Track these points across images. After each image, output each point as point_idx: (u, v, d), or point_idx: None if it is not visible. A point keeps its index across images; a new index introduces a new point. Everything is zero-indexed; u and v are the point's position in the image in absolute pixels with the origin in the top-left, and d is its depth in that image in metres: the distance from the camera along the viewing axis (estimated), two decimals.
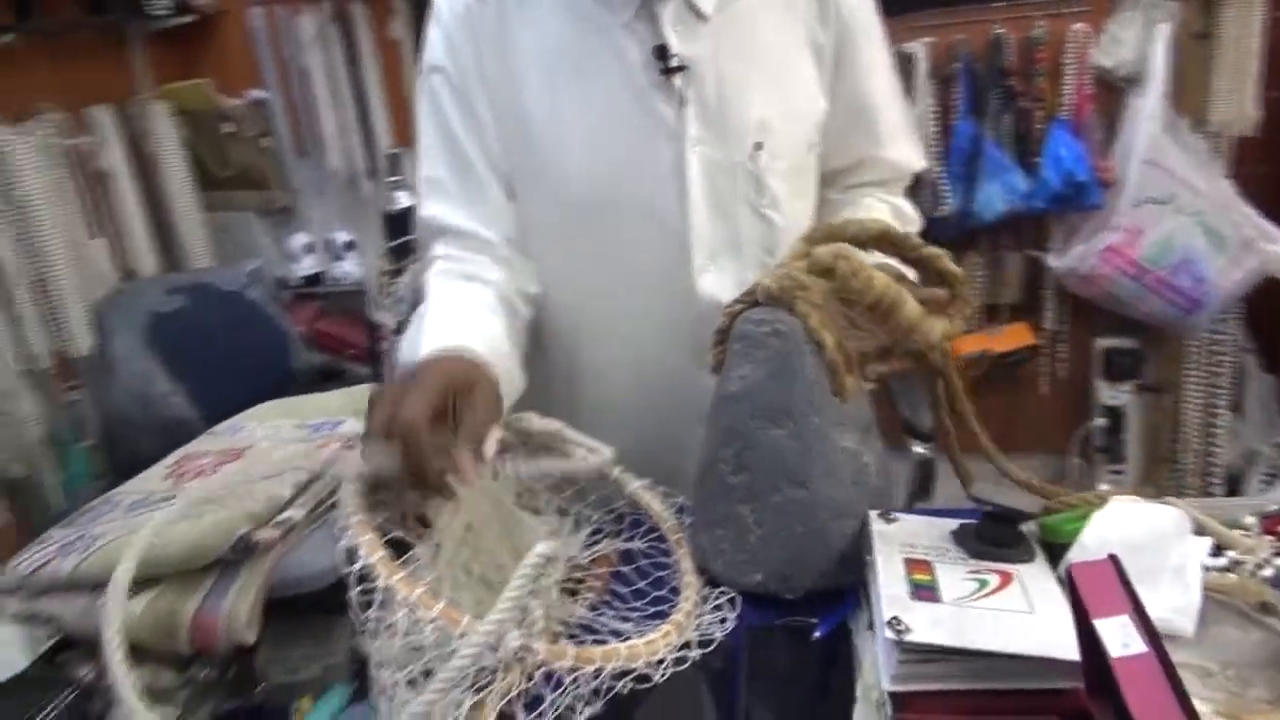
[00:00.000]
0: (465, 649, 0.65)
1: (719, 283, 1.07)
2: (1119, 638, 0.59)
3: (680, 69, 1.01)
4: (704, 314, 1.03)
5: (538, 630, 0.66)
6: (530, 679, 0.72)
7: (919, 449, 1.38)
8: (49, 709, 0.71)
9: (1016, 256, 2.36)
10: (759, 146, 1.05)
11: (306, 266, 2.86)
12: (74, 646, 0.85)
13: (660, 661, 0.73)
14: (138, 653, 0.82)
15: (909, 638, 0.72)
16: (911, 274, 0.99)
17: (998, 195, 2.17)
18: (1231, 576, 0.81)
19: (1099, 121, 2.19)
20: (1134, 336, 2.31)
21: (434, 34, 1.06)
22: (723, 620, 0.84)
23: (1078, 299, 2.31)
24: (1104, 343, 2.33)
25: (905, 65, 2.22)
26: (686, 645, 0.78)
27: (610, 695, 0.70)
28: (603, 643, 0.72)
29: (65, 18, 2.33)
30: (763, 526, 0.92)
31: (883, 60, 1.15)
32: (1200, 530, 0.85)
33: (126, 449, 1.89)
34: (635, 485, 0.97)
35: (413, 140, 1.11)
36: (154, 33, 2.63)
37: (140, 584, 0.80)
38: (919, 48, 2.21)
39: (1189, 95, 2.14)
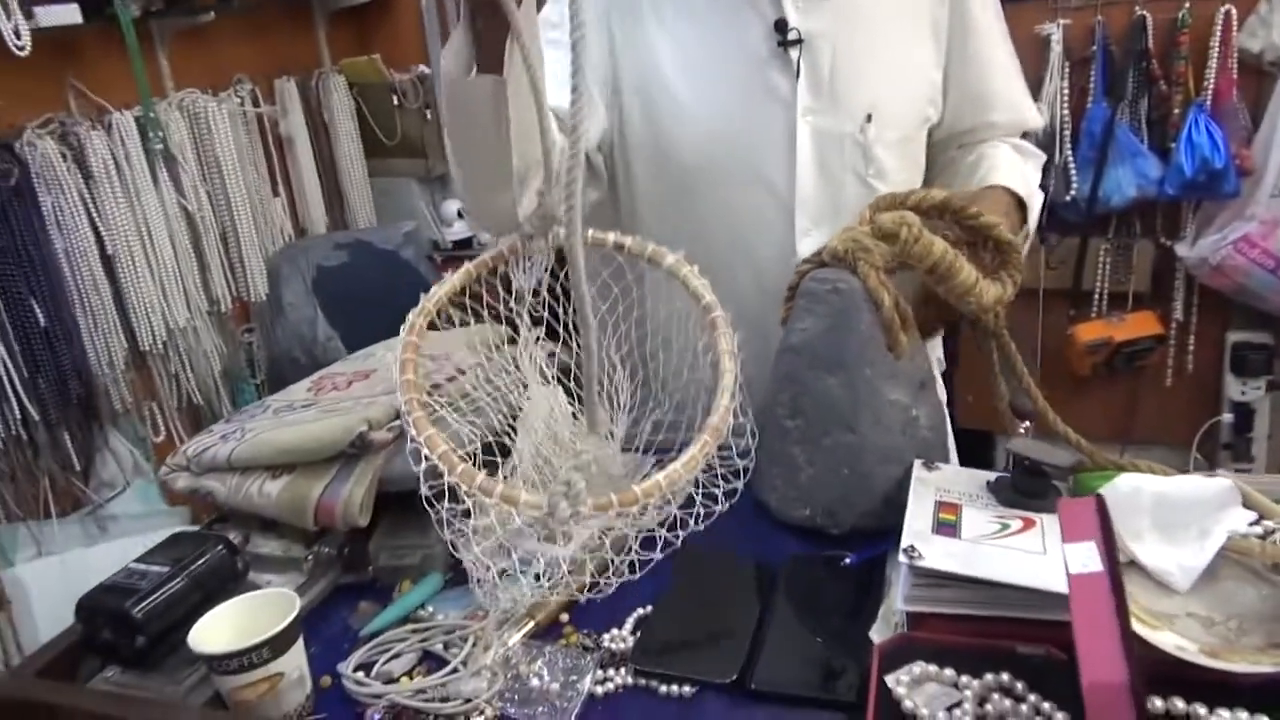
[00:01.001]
0: (525, 513, 0.79)
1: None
2: (1080, 558, 0.66)
3: (797, 42, 1.08)
4: None
5: (584, 500, 0.79)
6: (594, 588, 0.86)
7: (1024, 428, 1.42)
8: (204, 558, 0.88)
9: (1146, 244, 2.30)
10: (869, 119, 1.10)
11: (457, 231, 3.08)
12: (227, 519, 1.04)
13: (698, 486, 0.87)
14: (274, 527, 1.00)
15: (920, 563, 0.81)
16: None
17: (1128, 180, 2.13)
18: (1255, 540, 0.85)
19: (1242, 107, 2.11)
20: (1268, 331, 2.21)
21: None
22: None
23: (1208, 290, 2.24)
24: (1235, 336, 2.24)
25: (1041, 48, 2.20)
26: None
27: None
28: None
29: None
30: (813, 466, 1.02)
31: (997, 28, 1.18)
32: (1247, 504, 0.88)
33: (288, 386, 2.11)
34: (670, 260, 1.01)
35: None
36: (336, 11, 2.89)
37: (279, 470, 0.98)
38: (1055, 29, 2.18)
39: None
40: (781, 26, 1.07)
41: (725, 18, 1.10)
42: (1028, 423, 1.29)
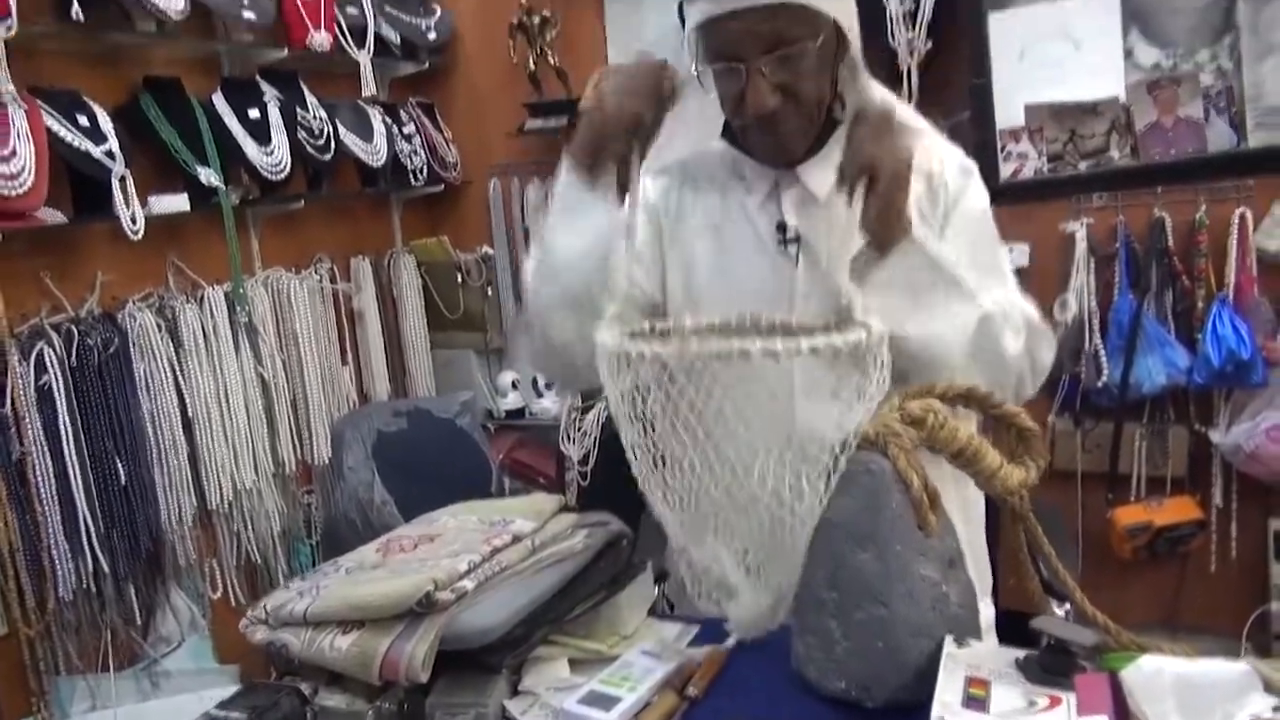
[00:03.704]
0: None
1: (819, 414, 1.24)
2: None
3: (795, 240, 1.27)
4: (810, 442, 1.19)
5: None
6: None
7: (1059, 609, 1.45)
8: (278, 708, 0.95)
9: (1180, 429, 2.35)
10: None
11: (511, 401, 3.22)
12: (298, 671, 1.11)
13: None
14: (339, 680, 1.07)
15: None
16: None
17: (1157, 368, 2.21)
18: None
19: (1264, 301, 2.20)
20: None
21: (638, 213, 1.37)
22: None
23: (1247, 476, 2.26)
24: (1278, 524, 2.25)
25: (1067, 243, 2.34)
26: None
27: None
28: None
29: (345, 187, 2.87)
30: (848, 639, 1.07)
31: (990, 245, 1.30)
32: (1268, 688, 0.91)
33: (343, 549, 2.18)
34: None
35: None
36: (410, 198, 3.16)
37: (349, 625, 1.06)
38: (1079, 227, 2.32)
39: None
40: (782, 227, 1.27)
41: (741, 222, 1.31)
42: (1067, 605, 1.32)
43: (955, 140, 1.34)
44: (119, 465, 2.09)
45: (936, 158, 1.28)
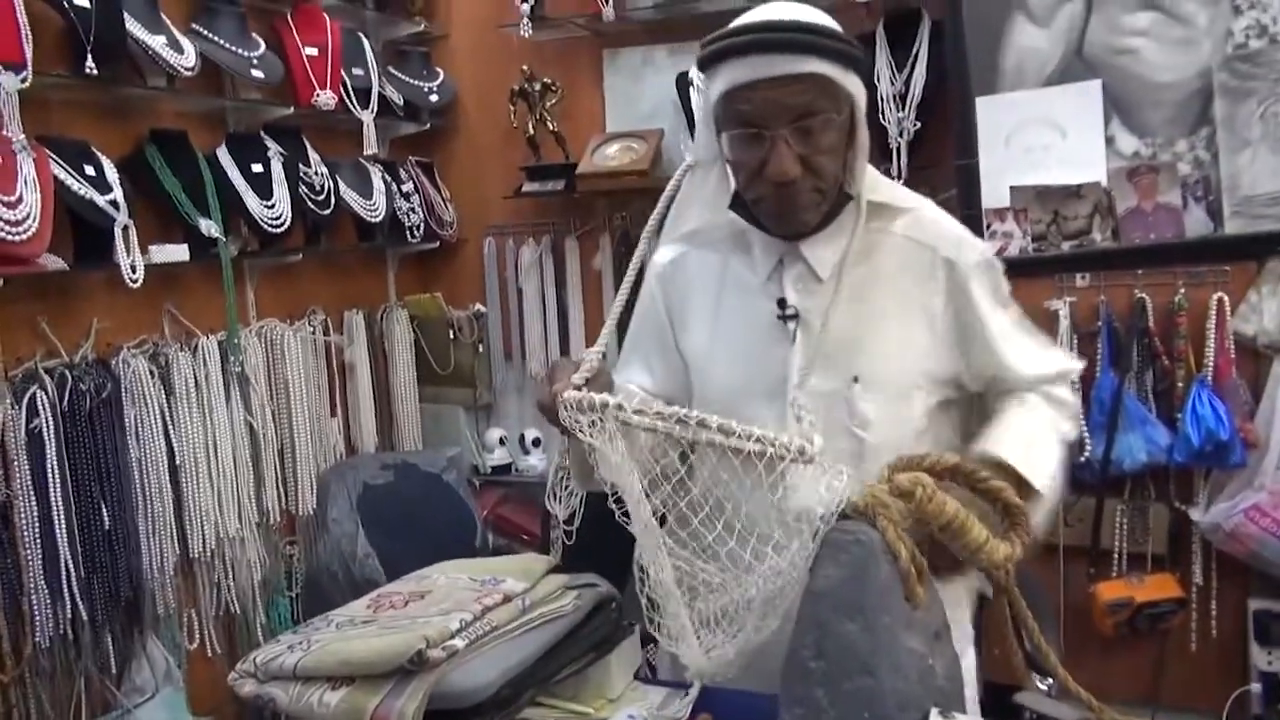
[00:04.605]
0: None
1: (809, 486, 1.26)
2: None
3: (794, 317, 1.30)
4: (791, 510, 1.19)
5: None
6: None
7: (1041, 684, 1.47)
8: None
9: (1161, 507, 2.38)
10: (856, 379, 1.28)
11: (498, 457, 3.23)
12: None
13: None
14: None
15: None
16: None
17: (1138, 446, 2.25)
18: None
19: (1242, 384, 2.25)
20: None
21: (650, 278, 1.44)
22: None
23: (1226, 556, 2.29)
24: (1257, 604, 2.27)
25: (1051, 320, 2.39)
26: None
27: None
28: None
29: (343, 242, 2.91)
30: (834, 709, 1.07)
31: (1001, 313, 1.34)
32: None
33: (323, 602, 2.15)
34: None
35: None
36: (405, 254, 3.20)
37: (339, 681, 1.06)
38: (1062, 305, 2.38)
39: None
40: (782, 304, 1.30)
41: (745, 297, 1.35)
42: (1050, 679, 1.33)
43: None
44: (104, 511, 2.08)
45: (947, 240, 1.32)
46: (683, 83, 2.79)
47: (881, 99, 2.49)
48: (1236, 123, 2.02)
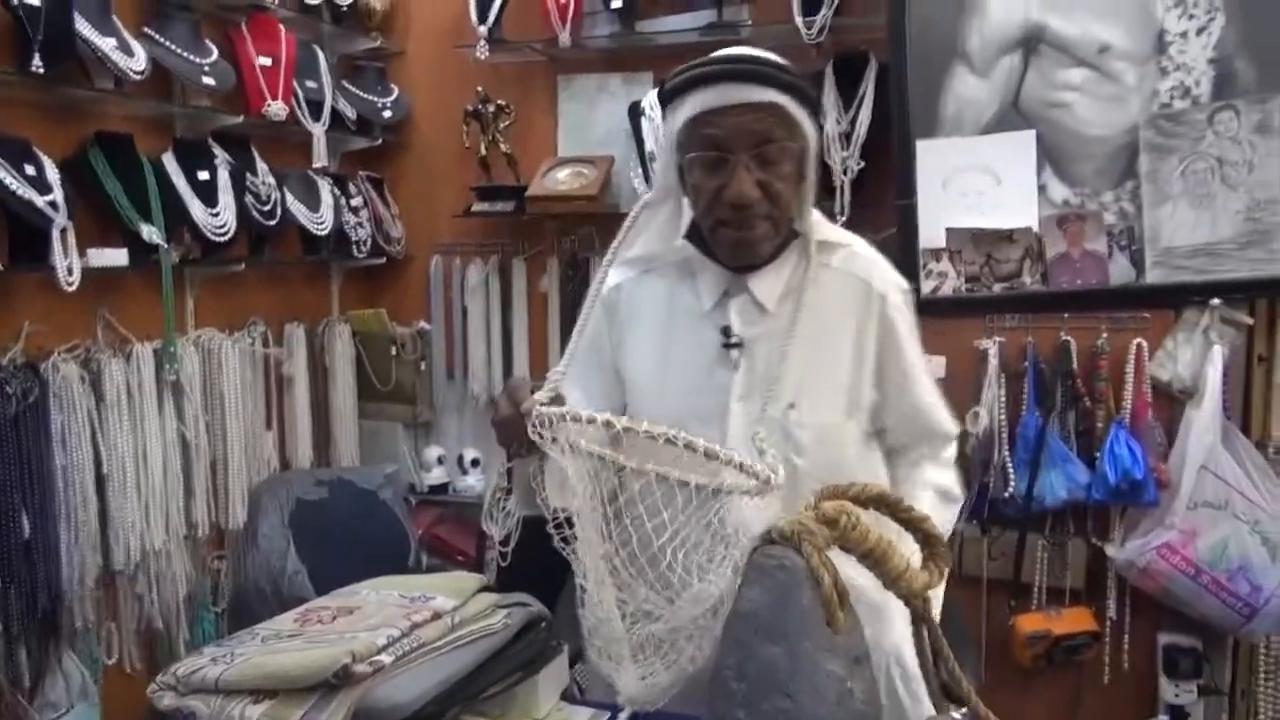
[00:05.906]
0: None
1: (738, 508, 1.30)
2: None
3: (737, 345, 1.35)
4: (727, 536, 1.25)
5: None
6: None
7: (956, 714, 1.50)
8: None
9: (1079, 542, 2.47)
10: (792, 406, 1.35)
11: (435, 476, 3.21)
12: None
13: None
14: None
15: None
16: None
17: (1059, 483, 2.33)
18: None
19: (1157, 426, 2.35)
20: (1196, 635, 2.33)
21: (596, 304, 1.44)
22: None
23: (1139, 591, 2.37)
24: (1166, 639, 2.35)
25: (979, 360, 2.47)
26: None
27: None
28: None
29: (287, 254, 2.88)
30: None
31: (919, 356, 1.44)
32: None
33: (250, 618, 2.13)
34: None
35: None
36: (350, 269, 3.18)
37: (261, 695, 1.06)
38: (991, 345, 2.47)
39: (1253, 416, 2.30)
40: (727, 332, 1.36)
41: (690, 324, 1.40)
42: (964, 708, 1.37)
43: (883, 253, 1.46)
44: (24, 519, 2.02)
45: (879, 276, 1.40)
46: (635, 111, 2.83)
47: (828, 137, 2.56)
48: (1159, 178, 2.13)
